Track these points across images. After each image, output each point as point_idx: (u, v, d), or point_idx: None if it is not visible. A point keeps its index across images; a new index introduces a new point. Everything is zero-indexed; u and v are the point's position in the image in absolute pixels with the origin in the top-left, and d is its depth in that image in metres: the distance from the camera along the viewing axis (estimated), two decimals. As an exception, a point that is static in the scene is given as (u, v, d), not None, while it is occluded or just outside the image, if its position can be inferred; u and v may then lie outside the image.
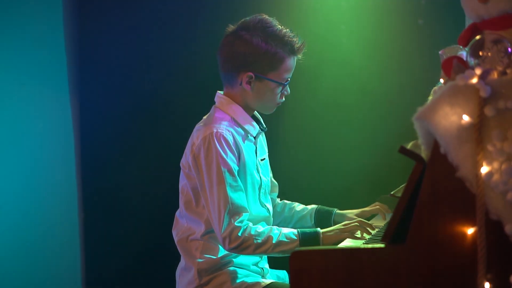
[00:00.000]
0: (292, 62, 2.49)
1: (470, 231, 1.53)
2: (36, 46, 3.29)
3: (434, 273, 1.56)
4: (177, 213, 2.55)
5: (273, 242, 2.33)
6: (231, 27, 2.51)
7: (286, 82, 2.49)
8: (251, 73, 2.44)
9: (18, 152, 3.26)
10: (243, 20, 2.50)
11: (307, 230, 2.41)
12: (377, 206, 2.67)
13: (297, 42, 2.47)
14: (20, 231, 3.25)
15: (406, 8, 3.46)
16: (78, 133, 3.50)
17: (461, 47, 1.79)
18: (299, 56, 2.51)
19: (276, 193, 2.74)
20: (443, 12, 3.36)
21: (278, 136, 3.46)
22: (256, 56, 2.43)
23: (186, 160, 2.46)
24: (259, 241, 2.33)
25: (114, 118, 3.55)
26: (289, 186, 3.32)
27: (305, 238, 2.34)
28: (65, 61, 3.33)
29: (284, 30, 2.46)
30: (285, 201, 2.79)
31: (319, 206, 2.72)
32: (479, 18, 1.65)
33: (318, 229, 2.39)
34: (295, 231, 2.37)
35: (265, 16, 2.49)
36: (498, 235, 1.50)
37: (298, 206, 2.75)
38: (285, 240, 2.34)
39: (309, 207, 2.74)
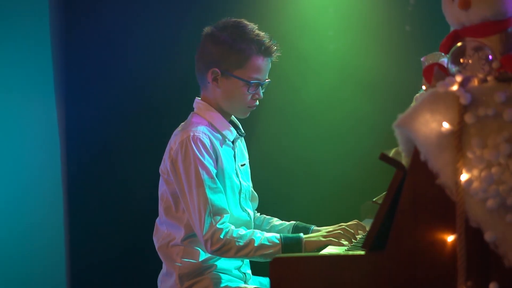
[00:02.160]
0: (261, 62, 2.45)
1: (450, 238, 1.53)
2: (22, 49, 3.28)
3: (413, 280, 1.55)
4: (157, 220, 2.55)
5: (255, 245, 2.31)
6: (207, 29, 2.51)
7: (253, 81, 2.45)
8: (216, 69, 2.44)
9: (3, 155, 3.25)
10: (218, 21, 2.50)
11: (290, 235, 2.40)
12: (355, 221, 2.62)
13: (268, 42, 2.45)
14: (5, 232, 3.24)
15: (393, 15, 3.47)
16: (64, 136, 3.49)
17: (442, 54, 1.79)
18: (271, 58, 2.48)
19: (256, 205, 2.70)
20: (430, 19, 3.37)
21: (260, 144, 3.46)
22: (222, 52, 2.43)
23: (164, 165, 2.46)
24: (241, 243, 2.31)
25: (100, 121, 3.54)
26: (271, 194, 3.31)
27: (287, 243, 2.32)
28: (51, 64, 3.32)
29: (257, 31, 2.45)
30: (264, 215, 2.77)
31: (297, 222, 2.69)
32: (460, 25, 1.66)
33: (301, 234, 2.38)
34: (277, 235, 2.36)
35: (242, 20, 2.48)
36: (478, 243, 1.50)
37: (277, 221, 2.72)
38: (267, 243, 2.32)
39: (287, 222, 2.71)
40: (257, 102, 2.52)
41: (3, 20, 3.25)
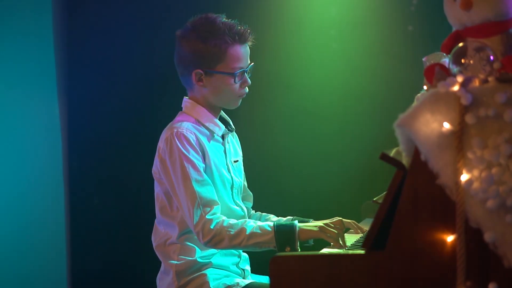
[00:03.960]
0: (238, 50, 2.45)
1: (450, 238, 1.53)
2: (25, 47, 3.29)
3: (413, 280, 1.56)
4: (155, 220, 2.55)
5: (247, 233, 2.30)
6: (178, 32, 2.51)
7: (237, 71, 2.45)
8: (199, 70, 2.45)
9: (5, 153, 3.26)
10: (187, 22, 2.50)
11: (283, 222, 2.40)
12: (351, 221, 2.59)
13: (240, 30, 2.45)
14: (6, 231, 3.25)
15: (396, 14, 3.47)
16: (66, 134, 3.50)
17: (444, 54, 1.79)
18: (248, 43, 2.48)
19: (251, 203, 2.70)
20: (432, 19, 3.37)
21: (257, 141, 3.46)
22: (198, 52, 2.43)
23: (156, 166, 2.47)
24: (232, 232, 2.30)
25: (102, 119, 3.55)
26: (270, 193, 3.31)
27: (280, 230, 2.30)
28: (53, 61, 3.33)
29: (226, 21, 2.45)
30: (260, 212, 2.76)
31: (294, 217, 2.67)
32: (462, 25, 1.66)
33: (296, 222, 2.36)
34: (270, 223, 2.35)
35: (210, 14, 2.49)
36: (477, 243, 1.50)
37: (274, 217, 2.70)
38: (259, 231, 2.30)
39: (284, 218, 2.70)
40: (247, 89, 2.52)
41: (6, 17, 3.25)
